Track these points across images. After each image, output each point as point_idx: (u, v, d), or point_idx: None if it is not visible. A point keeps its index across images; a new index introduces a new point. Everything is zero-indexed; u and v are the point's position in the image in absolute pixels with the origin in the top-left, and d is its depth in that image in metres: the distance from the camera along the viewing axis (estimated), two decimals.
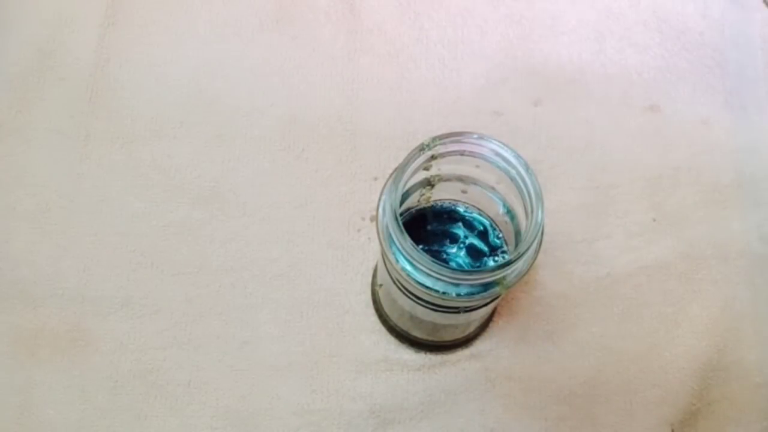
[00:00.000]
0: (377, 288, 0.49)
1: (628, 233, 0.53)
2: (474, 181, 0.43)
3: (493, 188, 0.42)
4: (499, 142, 0.39)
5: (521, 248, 0.37)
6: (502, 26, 0.59)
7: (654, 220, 0.54)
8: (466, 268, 0.44)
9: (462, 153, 0.40)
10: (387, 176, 0.39)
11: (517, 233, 0.42)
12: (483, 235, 0.45)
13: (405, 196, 0.42)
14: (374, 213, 0.52)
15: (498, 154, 0.39)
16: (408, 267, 0.38)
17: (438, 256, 0.44)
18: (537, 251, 0.38)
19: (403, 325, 0.48)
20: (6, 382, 0.49)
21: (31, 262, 0.51)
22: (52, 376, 0.49)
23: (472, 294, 0.38)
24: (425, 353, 0.50)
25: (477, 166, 0.40)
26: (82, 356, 0.49)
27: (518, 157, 0.38)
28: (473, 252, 0.45)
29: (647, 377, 0.50)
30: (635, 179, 0.55)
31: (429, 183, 0.43)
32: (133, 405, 0.49)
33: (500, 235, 0.45)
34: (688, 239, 0.54)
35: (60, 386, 0.49)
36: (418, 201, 0.45)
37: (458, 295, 0.38)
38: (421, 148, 0.39)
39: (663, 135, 0.56)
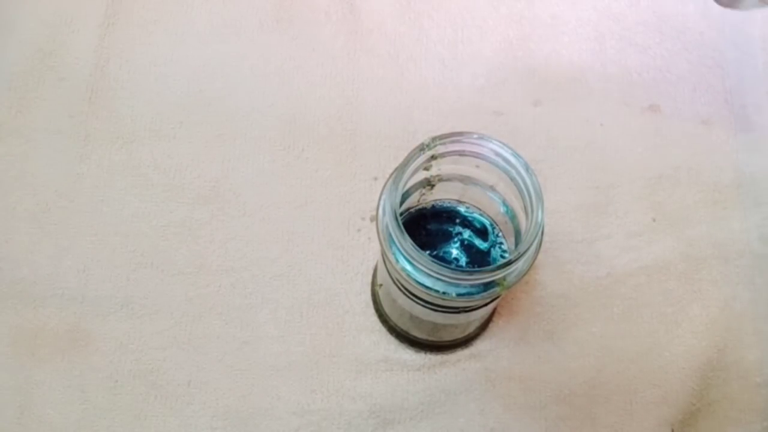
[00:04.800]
0: (377, 288, 0.49)
1: (628, 233, 0.53)
2: (474, 181, 0.43)
3: (492, 188, 0.42)
4: (499, 142, 0.39)
5: (521, 248, 0.37)
6: (502, 26, 0.59)
7: (654, 220, 0.54)
8: (466, 268, 0.44)
9: (462, 153, 0.40)
10: (387, 176, 0.39)
11: (517, 233, 0.42)
12: (483, 235, 0.45)
13: (405, 196, 0.42)
14: (374, 213, 0.52)
15: (498, 154, 0.39)
16: (408, 267, 0.38)
17: (438, 256, 0.44)
18: (537, 251, 0.38)
19: (403, 325, 0.48)
20: (6, 382, 0.49)
21: (31, 262, 0.51)
22: (52, 376, 0.49)
23: (472, 294, 0.38)
24: (425, 353, 0.50)
25: (477, 166, 0.40)
26: (82, 356, 0.49)
27: (518, 157, 0.38)
28: (473, 252, 0.45)
29: (647, 377, 0.50)
30: (635, 179, 0.55)
31: (429, 183, 0.43)
32: (133, 405, 0.49)
33: (500, 235, 0.45)
34: (688, 239, 0.54)
35: (60, 386, 0.49)
36: (418, 201, 0.45)
37: (458, 295, 0.38)
38: (421, 148, 0.39)
39: (663, 135, 0.56)
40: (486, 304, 0.42)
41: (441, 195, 0.45)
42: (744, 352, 0.51)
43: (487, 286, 0.38)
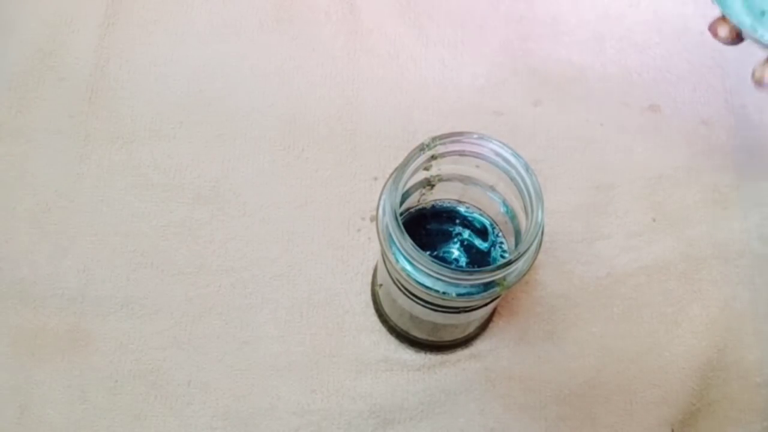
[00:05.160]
0: (377, 288, 0.49)
1: (628, 233, 0.53)
2: (474, 181, 0.43)
3: (492, 188, 0.42)
4: (499, 142, 0.39)
5: (521, 248, 0.37)
6: (502, 26, 0.59)
7: (654, 220, 0.54)
8: (466, 268, 0.44)
9: (462, 153, 0.40)
10: (387, 176, 0.39)
11: (517, 233, 0.42)
12: (483, 235, 0.45)
13: (405, 196, 0.42)
14: (374, 213, 0.52)
15: (498, 154, 0.39)
16: (408, 267, 0.38)
17: (438, 256, 0.44)
18: (537, 251, 0.38)
19: (403, 325, 0.48)
20: (6, 382, 0.49)
21: (31, 262, 0.51)
22: (52, 376, 0.49)
23: (472, 294, 0.38)
24: (425, 353, 0.50)
25: (477, 166, 0.40)
26: (82, 356, 0.49)
27: (518, 157, 0.38)
28: (473, 252, 0.45)
29: (647, 377, 0.50)
30: (635, 179, 0.55)
31: (429, 183, 0.43)
32: (133, 405, 0.49)
33: (500, 235, 0.45)
34: (688, 239, 0.54)
35: (60, 386, 0.49)
36: (418, 201, 0.45)
37: (458, 295, 0.38)
38: (421, 148, 0.39)
39: (663, 135, 0.56)
40: (486, 304, 0.42)
41: (441, 195, 0.45)
42: (744, 352, 0.51)
43: (487, 286, 0.38)
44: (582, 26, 0.59)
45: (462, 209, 0.45)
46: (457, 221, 0.45)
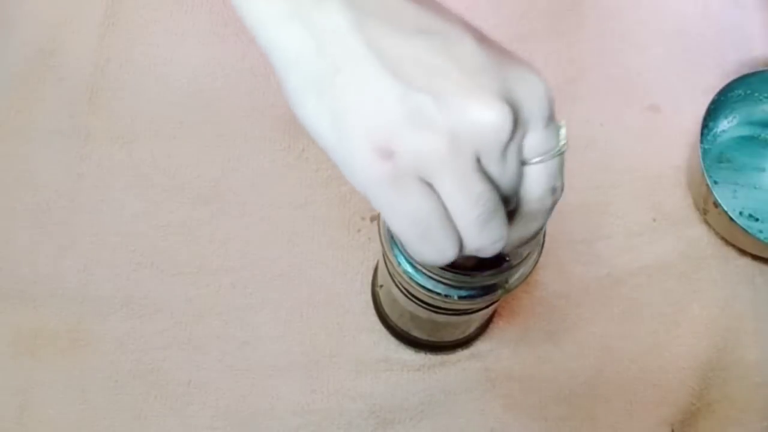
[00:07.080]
0: (378, 288, 0.49)
1: (628, 233, 0.53)
2: None
3: None
4: None
5: (523, 251, 0.37)
6: (503, 26, 0.59)
7: (654, 220, 0.54)
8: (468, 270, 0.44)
9: None
10: None
11: None
12: None
13: None
14: (374, 213, 0.52)
15: None
16: (410, 269, 0.38)
17: None
18: (539, 254, 0.38)
19: (403, 325, 0.48)
20: (6, 382, 0.49)
21: (31, 262, 0.51)
22: (52, 376, 0.49)
23: (474, 297, 0.38)
24: (425, 353, 0.50)
25: None
26: (82, 356, 0.49)
27: None
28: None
29: (647, 377, 0.50)
30: (635, 179, 0.55)
31: None
32: (133, 405, 0.49)
33: None
34: (688, 239, 0.54)
35: (60, 386, 0.49)
36: None
37: (460, 297, 0.38)
38: None
39: (663, 135, 0.56)
40: (487, 306, 0.42)
41: None
42: (744, 352, 0.51)
43: (489, 288, 0.38)
44: (582, 26, 0.59)
45: None
46: None
